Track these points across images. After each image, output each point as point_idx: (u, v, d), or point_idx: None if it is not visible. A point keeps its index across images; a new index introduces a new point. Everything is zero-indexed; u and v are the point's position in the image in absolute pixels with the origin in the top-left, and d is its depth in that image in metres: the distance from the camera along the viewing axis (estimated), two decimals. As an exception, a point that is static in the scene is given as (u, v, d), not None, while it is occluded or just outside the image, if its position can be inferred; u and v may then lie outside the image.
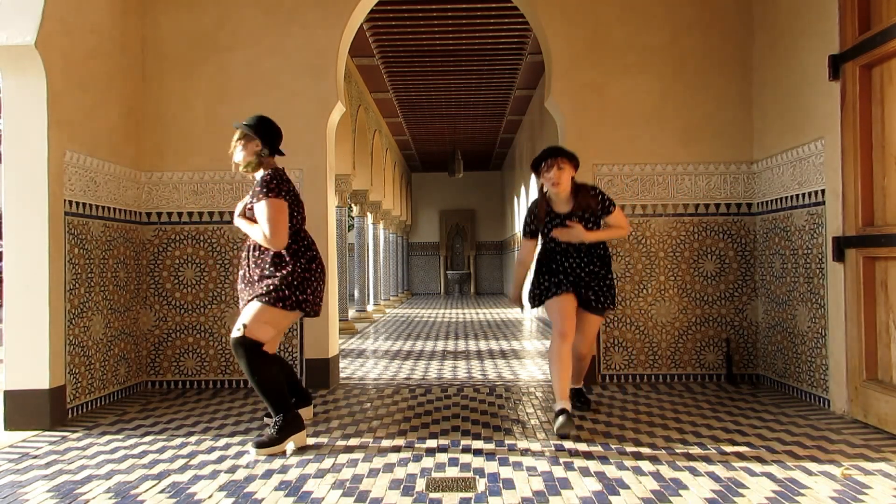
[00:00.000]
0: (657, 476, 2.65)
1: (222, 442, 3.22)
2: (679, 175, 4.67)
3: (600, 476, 2.66)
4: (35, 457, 3.02)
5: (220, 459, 2.94)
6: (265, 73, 4.65)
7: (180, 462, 2.91)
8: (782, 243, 4.27)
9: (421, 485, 2.58)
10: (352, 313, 10.48)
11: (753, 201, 4.65)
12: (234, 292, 4.62)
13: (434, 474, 2.70)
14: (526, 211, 3.69)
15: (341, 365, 5.67)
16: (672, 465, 2.78)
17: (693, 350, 4.64)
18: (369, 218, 12.28)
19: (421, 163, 18.15)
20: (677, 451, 2.98)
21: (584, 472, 2.72)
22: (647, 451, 2.97)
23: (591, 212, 3.52)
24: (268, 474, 2.73)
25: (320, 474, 2.73)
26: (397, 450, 3.05)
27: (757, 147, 4.63)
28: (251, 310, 3.10)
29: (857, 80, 3.48)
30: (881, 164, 3.39)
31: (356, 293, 10.69)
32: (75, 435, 3.39)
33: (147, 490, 2.56)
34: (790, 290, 4.18)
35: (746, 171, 4.66)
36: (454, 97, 10.85)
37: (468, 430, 3.38)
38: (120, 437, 3.34)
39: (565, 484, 2.58)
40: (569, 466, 2.79)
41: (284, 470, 2.79)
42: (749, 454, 2.91)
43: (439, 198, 19.59)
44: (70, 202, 3.78)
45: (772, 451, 2.96)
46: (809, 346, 3.97)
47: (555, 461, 2.86)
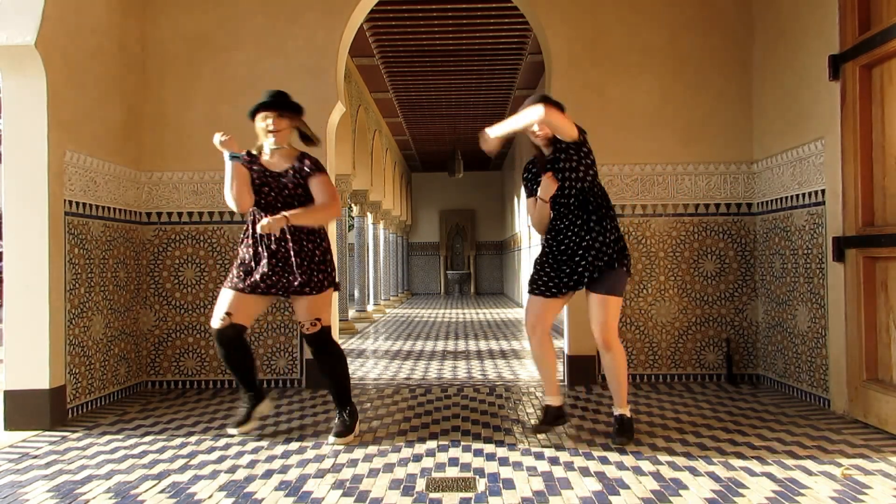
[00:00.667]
0: (657, 476, 2.65)
1: (222, 442, 3.22)
2: (679, 175, 4.67)
3: (600, 476, 2.66)
4: (35, 457, 3.02)
5: (220, 459, 2.94)
6: (265, 73, 4.65)
7: (180, 462, 2.91)
8: (782, 243, 4.27)
9: (421, 485, 2.58)
10: (352, 313, 10.48)
11: (753, 201, 4.65)
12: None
13: (434, 474, 2.70)
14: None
15: (341, 365, 5.66)
16: (672, 465, 2.78)
17: (693, 350, 4.64)
18: (369, 218, 12.28)
19: (421, 163, 18.14)
20: (677, 451, 2.98)
21: (584, 472, 2.72)
22: (647, 451, 2.97)
23: (575, 149, 3.13)
24: (268, 474, 2.74)
25: (320, 474, 2.73)
26: (397, 450, 3.05)
27: (757, 147, 4.63)
28: (322, 298, 3.20)
29: (857, 80, 3.48)
30: (881, 164, 3.39)
31: (356, 293, 10.69)
32: (75, 435, 3.39)
33: (147, 490, 2.56)
34: (790, 290, 4.18)
35: (746, 171, 4.66)
36: (454, 97, 10.84)
37: (468, 430, 3.38)
38: (120, 437, 3.34)
39: (565, 484, 2.58)
40: (569, 466, 2.79)
41: (284, 470, 2.79)
42: (749, 454, 2.91)
43: (439, 198, 19.58)
44: (70, 202, 3.78)
45: (772, 451, 2.96)
46: (809, 346, 3.97)
47: (555, 461, 2.86)
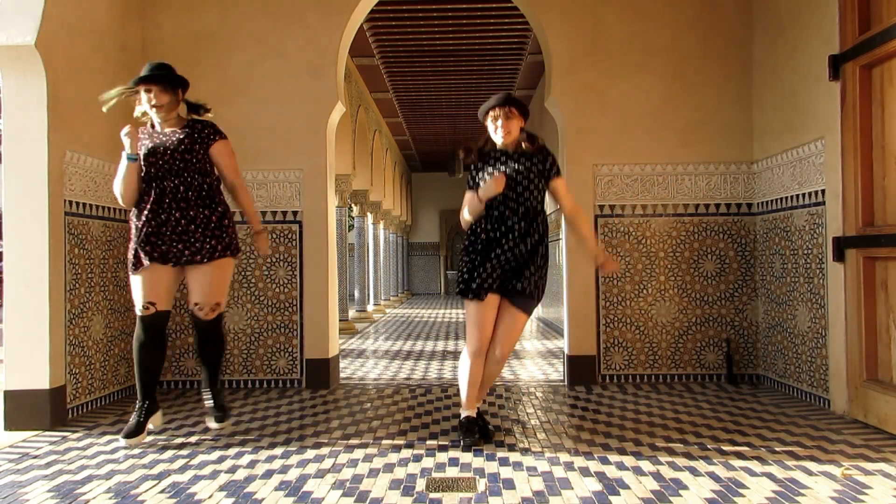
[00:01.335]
0: (657, 476, 2.65)
1: (222, 442, 3.22)
2: (679, 175, 4.67)
3: (600, 476, 2.66)
4: (35, 457, 3.02)
5: (220, 459, 2.94)
6: (265, 73, 4.65)
7: (180, 462, 2.91)
8: (782, 243, 4.27)
9: (421, 485, 2.58)
10: (352, 313, 10.48)
11: (753, 201, 4.64)
12: (232, 291, 4.62)
13: (434, 474, 2.70)
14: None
15: (341, 365, 5.67)
16: (672, 465, 2.78)
17: (693, 350, 4.64)
18: (369, 218, 12.29)
19: (421, 163, 18.14)
20: (677, 451, 2.98)
21: (584, 472, 2.72)
22: (647, 451, 2.97)
23: (537, 163, 3.11)
24: (268, 474, 2.74)
25: (320, 474, 2.73)
26: (397, 450, 3.05)
27: (757, 147, 4.63)
28: (221, 272, 3.12)
29: (857, 80, 3.48)
30: (881, 164, 3.39)
31: (356, 293, 10.69)
32: (75, 435, 3.39)
33: (147, 490, 2.56)
34: (790, 290, 4.18)
35: (746, 171, 4.66)
36: (454, 97, 10.84)
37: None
38: (120, 435, 3.33)
39: (565, 484, 2.58)
40: (569, 466, 2.79)
41: (284, 470, 2.79)
42: (749, 454, 2.91)
43: (439, 198, 19.58)
44: (70, 202, 3.78)
45: (772, 451, 2.96)
46: (809, 346, 3.97)
47: (555, 461, 2.86)
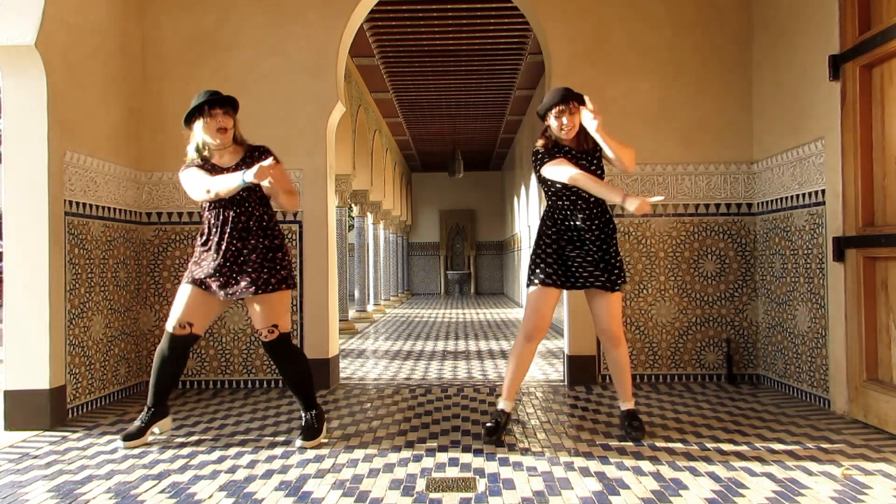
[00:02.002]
0: (657, 476, 2.65)
1: (222, 442, 3.22)
2: (679, 175, 4.67)
3: (600, 476, 2.66)
4: (35, 457, 3.02)
5: (220, 459, 2.94)
6: (265, 73, 4.65)
7: (180, 462, 2.91)
8: (782, 243, 4.27)
9: (421, 485, 2.58)
10: (352, 313, 10.48)
11: (753, 201, 4.64)
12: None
13: (434, 474, 2.70)
14: (534, 152, 3.31)
15: (341, 365, 5.67)
16: (672, 465, 2.77)
17: (693, 350, 4.64)
18: (369, 218, 12.28)
19: (421, 163, 18.14)
20: (677, 451, 2.98)
21: (584, 472, 2.72)
22: (647, 451, 2.97)
23: (595, 151, 3.27)
24: (268, 474, 2.73)
25: (320, 474, 2.73)
26: (397, 450, 3.05)
27: (757, 147, 4.63)
28: (277, 301, 3.11)
29: (857, 80, 3.48)
30: (881, 164, 3.39)
31: (356, 293, 10.69)
32: (75, 435, 3.39)
33: (147, 490, 2.56)
34: (790, 290, 4.18)
35: (746, 171, 4.66)
36: (454, 97, 10.84)
37: (468, 430, 3.38)
38: (120, 437, 3.33)
39: (565, 484, 2.58)
40: (569, 466, 2.78)
41: (284, 470, 2.79)
42: (749, 454, 2.91)
43: (439, 198, 19.58)
44: (70, 202, 3.78)
45: (772, 451, 2.96)
46: (809, 346, 3.97)
47: (555, 461, 2.86)
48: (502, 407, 3.25)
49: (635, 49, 4.70)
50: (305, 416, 3.22)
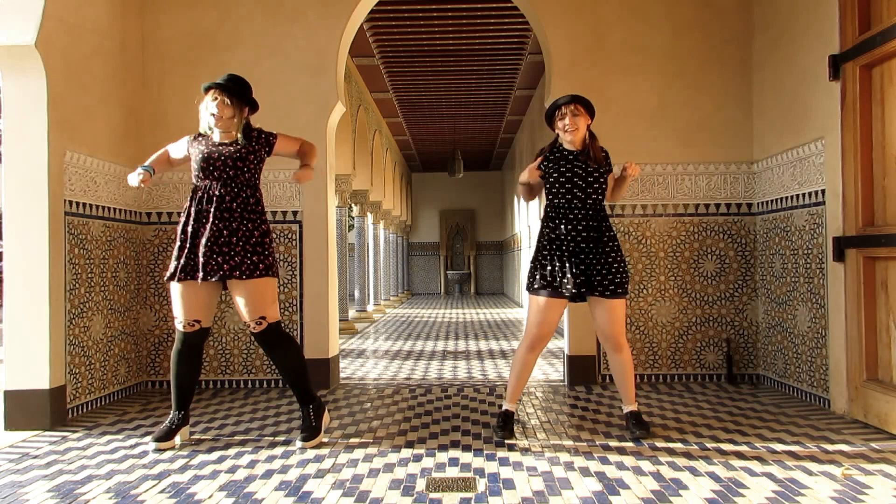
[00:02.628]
0: (657, 476, 2.65)
1: (222, 442, 3.22)
2: (679, 175, 4.67)
3: (600, 476, 2.66)
4: (35, 457, 3.02)
5: (220, 459, 2.94)
6: (265, 73, 4.65)
7: (180, 462, 2.91)
8: (782, 243, 4.27)
9: (421, 485, 2.58)
10: (352, 313, 10.48)
11: (753, 201, 4.64)
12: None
13: (434, 474, 2.70)
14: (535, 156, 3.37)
15: (341, 365, 5.67)
16: (672, 465, 2.78)
17: (693, 350, 4.64)
18: (369, 218, 12.28)
19: (421, 163, 18.14)
20: (677, 451, 2.98)
21: (584, 472, 2.72)
22: (647, 451, 2.97)
23: (601, 164, 3.24)
24: (268, 474, 2.73)
25: (320, 474, 2.73)
26: (397, 450, 3.05)
27: (757, 147, 4.63)
28: (261, 290, 3.08)
29: (857, 80, 3.48)
30: (881, 164, 3.39)
31: (356, 293, 10.69)
32: (75, 435, 3.39)
33: (147, 490, 2.56)
34: (790, 290, 4.18)
35: (746, 171, 4.66)
36: (454, 97, 10.84)
37: (468, 430, 3.38)
38: (120, 437, 3.34)
39: (565, 484, 2.58)
40: (569, 466, 2.79)
41: (284, 470, 2.79)
42: (749, 454, 2.91)
43: (439, 198, 19.58)
44: (70, 202, 3.78)
45: (772, 451, 2.96)
46: (809, 346, 3.97)
47: (555, 461, 2.86)
48: (506, 408, 3.29)
49: (635, 49, 4.70)
50: (303, 413, 3.22)
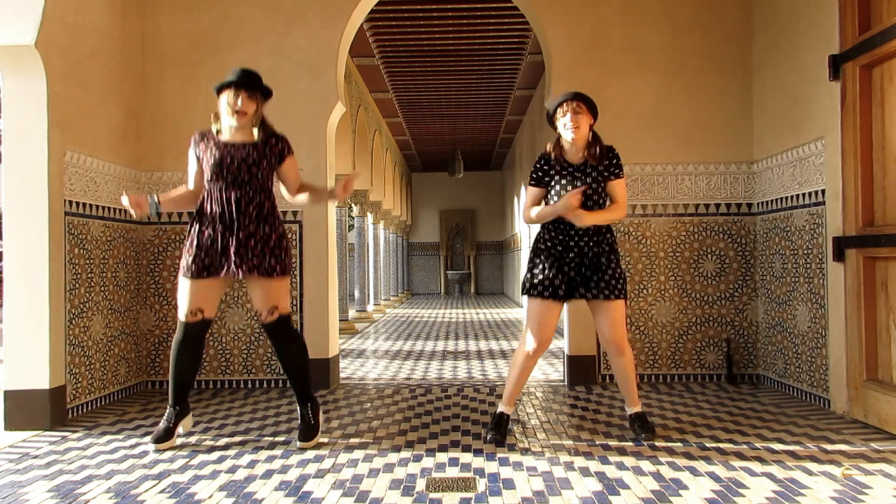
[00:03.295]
0: (657, 476, 2.65)
1: (222, 442, 3.22)
2: (679, 175, 4.67)
3: (600, 476, 2.66)
4: (35, 457, 3.02)
5: (220, 459, 2.94)
6: (265, 73, 4.59)
7: (180, 462, 2.91)
8: (782, 243, 4.27)
9: (421, 485, 2.58)
10: (352, 313, 10.48)
11: (753, 201, 4.64)
12: (232, 291, 4.62)
13: (434, 474, 2.70)
14: (535, 161, 3.34)
15: (341, 365, 5.67)
16: (672, 465, 2.78)
17: (693, 350, 4.64)
18: (369, 218, 12.28)
19: (421, 163, 18.14)
20: (677, 451, 2.98)
21: (584, 472, 2.72)
22: (647, 451, 2.97)
23: (604, 168, 3.19)
24: (268, 474, 2.73)
25: (320, 474, 2.73)
26: (397, 450, 3.05)
27: (757, 147, 4.63)
28: (277, 285, 3.15)
29: (857, 80, 3.48)
30: (881, 164, 3.39)
31: (356, 293, 10.69)
32: (75, 435, 3.39)
33: (147, 490, 2.56)
34: (790, 290, 4.18)
35: (746, 171, 4.66)
36: (454, 97, 10.84)
37: (468, 430, 3.38)
38: (120, 437, 3.34)
39: (565, 484, 2.58)
40: (569, 466, 2.79)
41: (284, 470, 2.79)
42: (749, 454, 2.91)
43: (439, 198, 19.58)
44: (70, 202, 3.78)
45: (772, 451, 2.96)
46: (809, 346, 3.97)
47: (555, 461, 2.86)
48: (502, 410, 3.25)
49: (635, 49, 4.70)
50: (301, 411, 3.22)
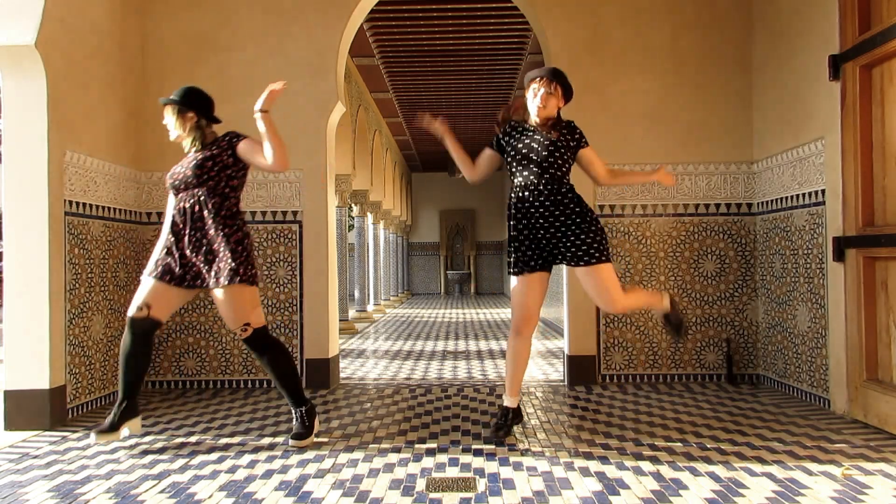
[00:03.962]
0: (657, 476, 2.65)
1: (222, 442, 3.22)
2: (679, 175, 4.67)
3: (600, 476, 2.66)
4: (35, 457, 3.02)
5: (221, 459, 2.94)
6: (265, 73, 4.64)
7: (180, 462, 2.91)
8: (782, 243, 4.27)
9: (421, 485, 2.58)
10: (352, 313, 10.48)
11: (754, 201, 4.64)
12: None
13: (434, 474, 2.70)
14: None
15: (341, 365, 5.67)
16: (672, 465, 2.78)
17: (693, 350, 4.64)
18: (369, 218, 12.29)
19: (421, 163, 18.14)
20: (677, 451, 2.98)
21: (584, 472, 2.72)
22: (647, 451, 2.97)
23: (574, 141, 3.21)
24: (268, 474, 2.73)
25: (320, 474, 2.73)
26: (397, 450, 3.05)
27: (757, 147, 4.63)
28: (240, 297, 3.09)
29: (857, 80, 3.48)
30: (881, 164, 3.39)
31: (356, 293, 10.69)
32: (75, 435, 3.39)
33: (147, 490, 2.56)
34: (790, 290, 4.18)
35: (746, 171, 4.66)
36: (454, 97, 10.84)
37: (468, 430, 3.38)
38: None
39: (565, 484, 2.58)
40: (569, 466, 2.79)
41: (284, 470, 2.79)
42: (749, 454, 2.91)
43: (439, 198, 19.58)
44: (70, 202, 3.78)
45: (772, 451, 2.96)
46: (809, 346, 3.97)
47: (555, 461, 2.86)
48: (507, 403, 3.25)
49: (635, 49, 4.69)
50: (295, 415, 3.22)
